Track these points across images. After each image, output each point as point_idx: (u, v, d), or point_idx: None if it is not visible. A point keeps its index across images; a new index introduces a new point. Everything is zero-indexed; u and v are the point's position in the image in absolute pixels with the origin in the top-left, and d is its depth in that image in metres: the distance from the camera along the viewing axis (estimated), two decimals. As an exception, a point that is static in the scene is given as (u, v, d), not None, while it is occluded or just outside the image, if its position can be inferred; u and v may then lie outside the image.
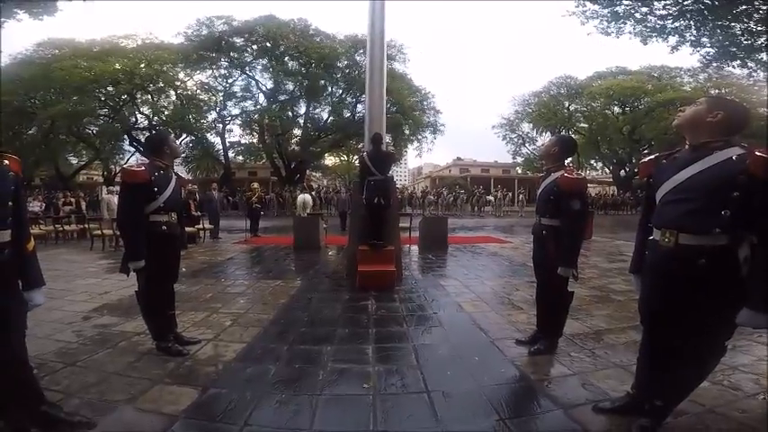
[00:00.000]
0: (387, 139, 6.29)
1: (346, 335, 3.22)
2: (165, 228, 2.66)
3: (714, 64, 14.01)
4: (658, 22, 11.90)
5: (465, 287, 4.90)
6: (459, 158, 48.95)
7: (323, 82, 26.77)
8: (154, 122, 27.10)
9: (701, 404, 2.09)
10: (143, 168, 2.61)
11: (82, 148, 29.16)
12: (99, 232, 8.29)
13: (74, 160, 31.56)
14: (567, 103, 34.14)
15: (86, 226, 9.60)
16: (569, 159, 2.98)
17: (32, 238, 1.89)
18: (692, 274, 1.64)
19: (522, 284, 5.04)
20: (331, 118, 28.31)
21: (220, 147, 29.30)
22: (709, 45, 12.35)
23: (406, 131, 27.98)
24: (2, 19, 10.66)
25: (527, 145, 36.60)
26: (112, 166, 29.88)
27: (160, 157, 2.75)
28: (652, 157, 2.01)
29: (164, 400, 2.19)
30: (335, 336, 3.18)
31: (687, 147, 1.79)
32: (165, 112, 26.77)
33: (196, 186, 14.20)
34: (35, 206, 12.23)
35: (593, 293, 4.60)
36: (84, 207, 14.20)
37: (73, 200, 14.54)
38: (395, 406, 2.17)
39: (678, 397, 1.90)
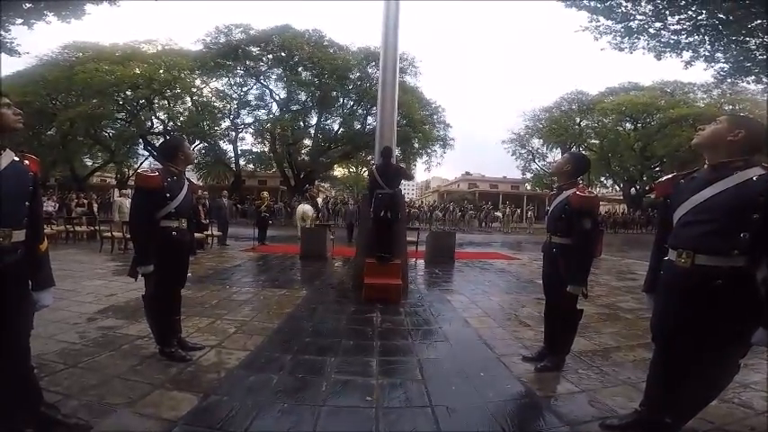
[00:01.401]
0: (396, 152, 6.32)
1: (351, 346, 3.18)
2: (175, 233, 2.67)
3: (728, 80, 13.88)
4: (672, 37, 11.81)
5: (472, 302, 4.84)
6: (467, 173, 48.96)
7: (335, 93, 27.06)
8: (169, 128, 27.52)
9: (710, 422, 2.04)
10: (157, 174, 2.63)
11: (97, 151, 29.64)
12: (109, 234, 8.37)
13: (89, 162, 32.05)
14: (578, 119, 33.89)
15: (97, 228, 9.71)
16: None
17: (46, 239, 1.90)
18: (708, 294, 1.61)
19: (529, 301, 4.97)
20: (341, 129, 28.53)
21: (232, 154, 29.65)
22: (723, 60, 12.23)
23: (416, 145, 28.04)
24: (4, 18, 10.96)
25: (537, 161, 36.42)
26: (126, 170, 30.35)
27: (174, 162, 2.76)
28: (669, 176, 1.99)
29: (163, 406, 2.16)
30: (340, 347, 3.15)
31: (706, 166, 1.76)
32: (181, 118, 27.13)
33: (206, 193, 14.36)
34: (49, 206, 12.40)
35: (602, 311, 4.54)
36: (95, 209, 14.38)
37: (85, 201, 14.73)
38: (398, 419, 2.13)
39: (688, 414, 1.87)
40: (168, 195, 2.62)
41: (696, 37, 11.51)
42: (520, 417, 2.20)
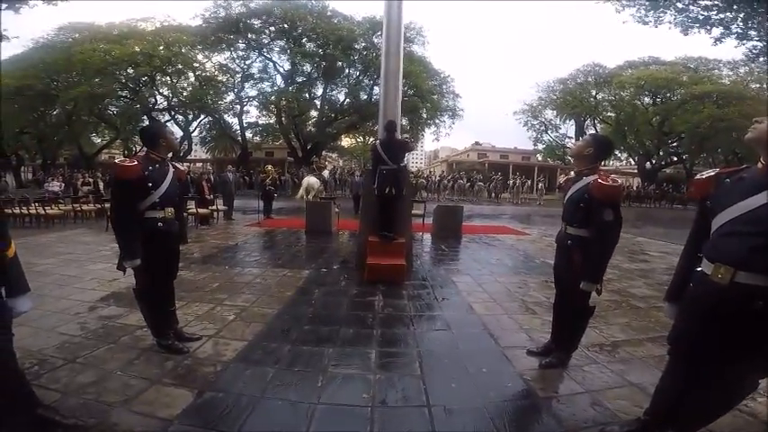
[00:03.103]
0: (403, 122, 6.08)
1: (350, 336, 3.12)
2: (161, 224, 2.55)
3: (761, 58, 13.14)
4: (702, 12, 11.16)
5: (478, 285, 4.74)
6: (477, 143, 48.10)
7: (340, 64, 26.39)
8: (173, 103, 27.40)
9: (710, 430, 1.92)
10: (136, 163, 2.47)
11: (104, 129, 29.79)
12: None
13: (97, 140, 32.26)
14: (594, 92, 32.91)
15: (104, 206, 9.73)
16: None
17: (12, 243, 1.78)
18: (745, 316, 1.42)
19: (537, 284, 4.85)
20: (347, 100, 28.05)
21: (238, 127, 29.50)
22: (756, 38, 11.52)
23: (424, 115, 27.53)
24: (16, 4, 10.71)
25: (549, 132, 35.77)
26: (132, 146, 30.54)
27: (156, 149, 2.61)
28: (711, 173, 1.72)
29: (159, 403, 2.15)
30: (339, 336, 3.09)
31: (761, 166, 1.49)
32: (184, 94, 27.00)
33: (210, 168, 14.29)
34: (54, 186, 12.49)
35: (612, 298, 4.36)
36: (102, 187, 14.43)
37: (91, 180, 14.80)
38: (393, 419, 2.08)
39: (694, 429, 1.75)
40: (151, 185, 2.48)
41: (728, 13, 10.80)
42: (519, 421, 2.12)
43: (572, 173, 2.76)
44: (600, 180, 2.31)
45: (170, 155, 2.79)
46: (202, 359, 2.66)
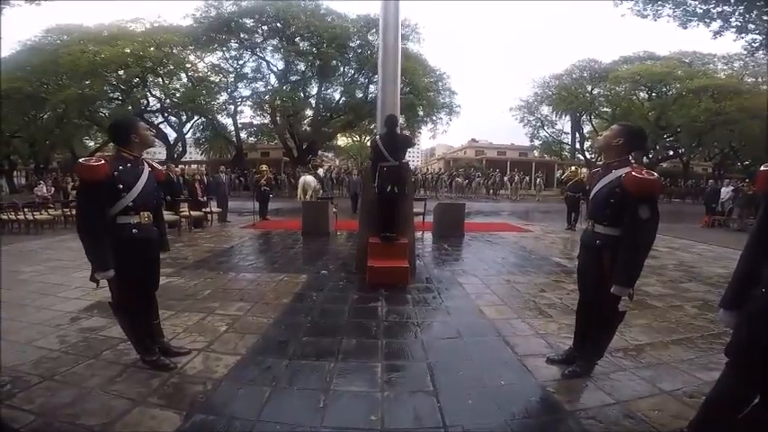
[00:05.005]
0: (401, 120, 5.86)
1: (353, 347, 2.86)
2: (135, 231, 2.28)
3: (760, 51, 13.04)
4: (701, 5, 11.04)
5: (485, 286, 4.50)
6: (474, 140, 47.87)
7: (335, 62, 26.08)
8: (165, 105, 26.98)
9: None
10: (102, 162, 2.18)
11: (96, 132, 29.20)
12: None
13: (90, 143, 31.72)
14: (589, 87, 32.85)
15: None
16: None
17: None
18: None
19: (547, 284, 4.64)
20: (343, 98, 27.71)
21: (232, 128, 29.16)
22: (756, 31, 11.40)
23: (420, 112, 27.27)
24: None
25: (545, 128, 35.72)
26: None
27: (127, 146, 2.32)
28: None
29: (144, 426, 1.93)
30: (341, 348, 2.83)
31: None
32: (177, 95, 26.53)
33: (203, 168, 14.03)
34: (43, 190, 12.15)
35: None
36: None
37: (82, 183, 14.44)
38: (407, 446, 1.85)
39: None
40: (122, 187, 2.22)
41: (727, 7, 10.68)
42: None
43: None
44: (634, 173, 2.07)
45: (146, 152, 2.51)
46: (191, 376, 2.41)
